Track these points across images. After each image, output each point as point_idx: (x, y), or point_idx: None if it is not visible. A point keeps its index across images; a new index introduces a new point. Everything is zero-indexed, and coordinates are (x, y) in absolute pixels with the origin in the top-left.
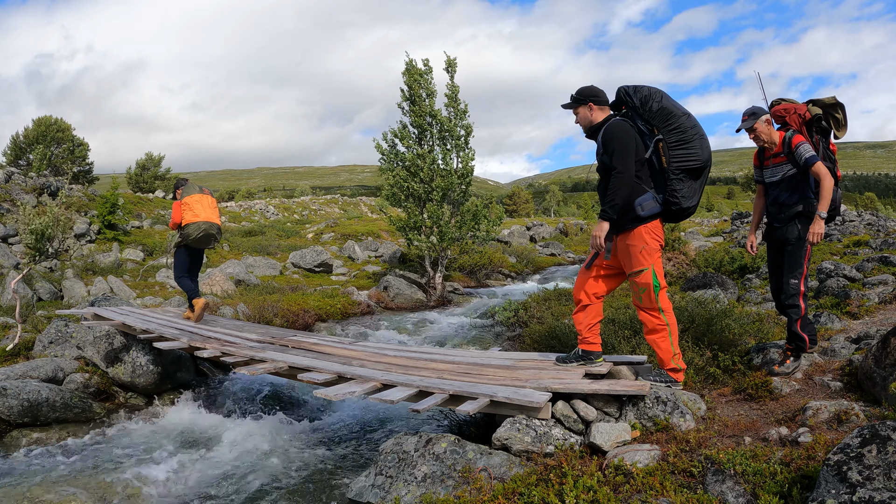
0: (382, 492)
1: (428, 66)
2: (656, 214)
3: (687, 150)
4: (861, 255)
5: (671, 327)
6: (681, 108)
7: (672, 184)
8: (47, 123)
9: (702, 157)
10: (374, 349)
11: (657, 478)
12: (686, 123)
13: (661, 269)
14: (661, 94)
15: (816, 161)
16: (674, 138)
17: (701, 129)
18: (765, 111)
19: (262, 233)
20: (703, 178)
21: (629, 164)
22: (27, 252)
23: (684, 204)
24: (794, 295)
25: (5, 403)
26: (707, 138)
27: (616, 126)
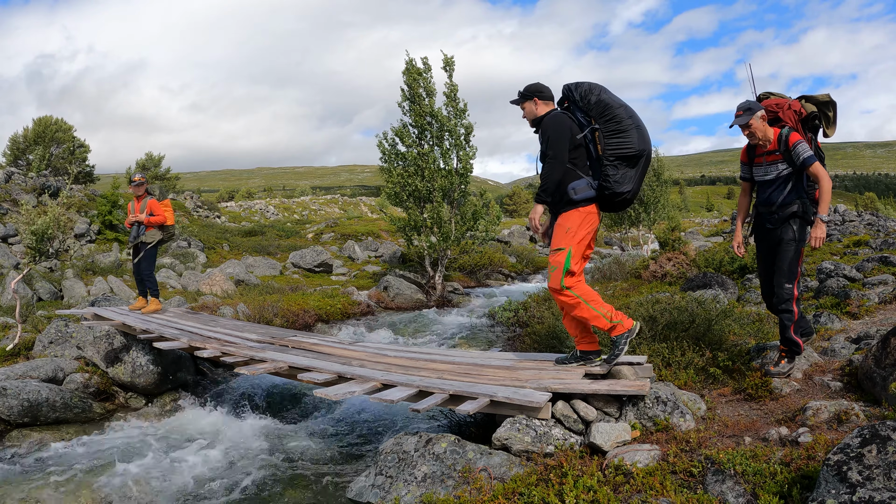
0: (382, 492)
1: (427, 64)
2: (590, 199)
3: (621, 139)
4: (861, 255)
5: (585, 297)
6: (618, 101)
7: (606, 169)
8: (47, 123)
9: (637, 146)
10: (373, 349)
11: (657, 478)
12: (622, 114)
13: (578, 255)
14: (600, 89)
15: (815, 161)
16: (610, 128)
17: (638, 120)
18: (760, 106)
19: (262, 233)
20: (641, 166)
21: (560, 151)
22: (27, 252)
23: (617, 189)
24: (789, 300)
25: (5, 403)
26: (645, 130)
27: (552, 118)
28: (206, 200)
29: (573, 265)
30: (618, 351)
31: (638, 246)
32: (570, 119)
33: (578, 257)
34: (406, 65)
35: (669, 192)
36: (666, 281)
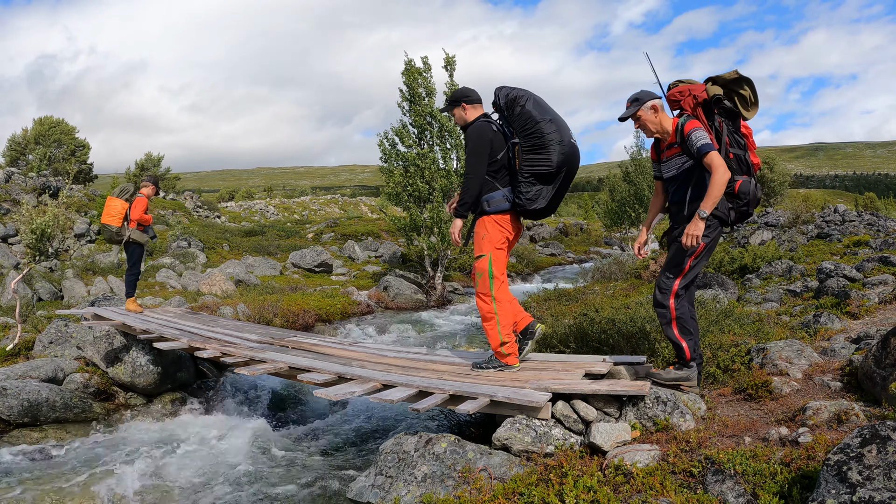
0: (382, 492)
1: (427, 64)
2: (504, 210)
3: (539, 155)
4: (861, 255)
5: (500, 318)
6: (547, 114)
7: (519, 185)
8: (48, 124)
9: (554, 164)
10: (373, 350)
11: (657, 478)
12: (544, 129)
13: (500, 260)
14: (528, 99)
15: (710, 150)
16: (529, 143)
17: (565, 135)
18: (652, 96)
19: (262, 233)
20: (559, 182)
21: (477, 166)
22: (27, 252)
23: (528, 206)
24: (665, 292)
25: (5, 403)
26: (570, 145)
27: (474, 128)
28: (206, 200)
29: (496, 269)
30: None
31: None
32: (496, 129)
33: (500, 264)
34: (405, 65)
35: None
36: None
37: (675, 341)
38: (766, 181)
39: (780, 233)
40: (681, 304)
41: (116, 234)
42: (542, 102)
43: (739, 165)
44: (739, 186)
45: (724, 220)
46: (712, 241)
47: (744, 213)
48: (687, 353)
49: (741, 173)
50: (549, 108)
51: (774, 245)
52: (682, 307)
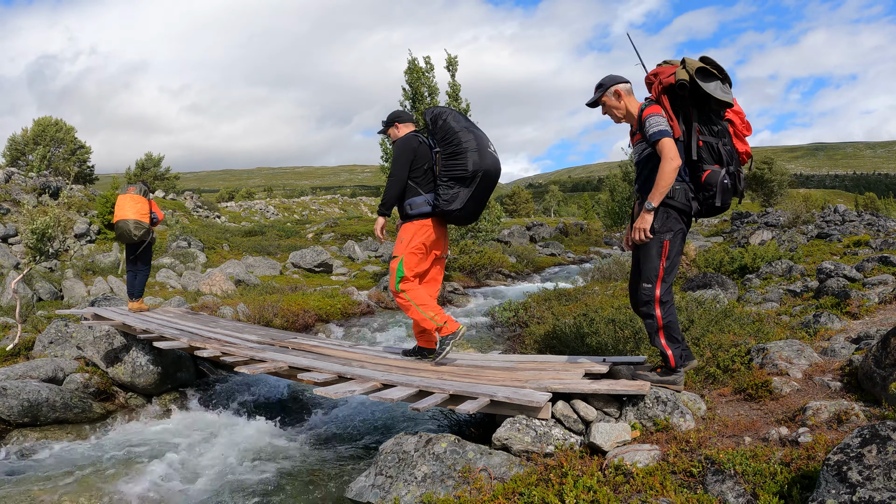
0: (382, 492)
1: (430, 64)
2: (426, 214)
3: (456, 161)
4: (861, 255)
5: (415, 301)
6: (464, 126)
7: (439, 189)
8: (47, 124)
9: (470, 168)
10: (373, 352)
11: (657, 478)
12: (461, 138)
13: (411, 262)
14: (448, 115)
15: (662, 137)
16: (448, 150)
17: (482, 143)
18: (616, 80)
19: (262, 233)
20: (476, 187)
21: (399, 170)
22: (27, 252)
23: (446, 207)
24: (649, 302)
25: (5, 403)
26: (486, 152)
27: (401, 140)
28: (206, 200)
29: (406, 271)
30: (442, 350)
31: None
32: (421, 142)
33: (412, 264)
34: (409, 64)
35: None
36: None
37: (661, 350)
38: (766, 181)
39: (780, 233)
40: (668, 311)
41: (146, 232)
42: (463, 118)
43: (710, 154)
44: (707, 177)
45: (685, 211)
46: (678, 237)
47: (713, 206)
48: (672, 361)
49: (712, 162)
50: (470, 123)
51: (774, 245)
52: (670, 314)
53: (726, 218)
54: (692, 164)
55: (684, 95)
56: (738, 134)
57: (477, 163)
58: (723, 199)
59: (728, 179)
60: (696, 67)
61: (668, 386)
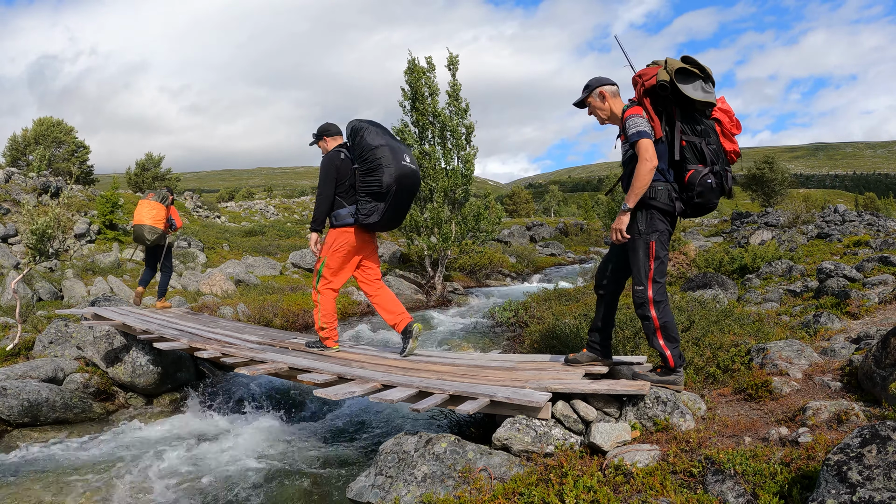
0: (382, 492)
1: (431, 64)
2: (349, 224)
3: (372, 177)
4: (861, 255)
5: (321, 307)
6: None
7: (359, 203)
8: (48, 124)
9: (383, 184)
10: (373, 352)
11: (657, 478)
12: (377, 155)
13: (333, 264)
14: (366, 131)
15: (640, 138)
16: (364, 167)
17: (394, 157)
18: (602, 82)
19: (262, 233)
20: (391, 200)
21: (325, 188)
22: (27, 252)
23: (364, 221)
24: (643, 303)
25: (5, 403)
26: (402, 166)
27: (325, 158)
28: (206, 200)
29: (325, 272)
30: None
31: None
32: (344, 157)
33: (333, 266)
34: (409, 64)
35: None
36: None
37: (660, 351)
38: (766, 180)
39: (780, 233)
40: (664, 312)
41: (161, 237)
42: (380, 132)
43: (694, 154)
44: (690, 176)
45: (667, 211)
46: (663, 237)
47: (698, 206)
48: (671, 361)
49: (696, 162)
50: (387, 137)
51: (774, 245)
52: (666, 314)
53: (726, 218)
54: (676, 164)
55: (666, 96)
56: (726, 133)
57: (391, 178)
58: (707, 199)
59: (712, 179)
60: (677, 68)
61: (668, 386)
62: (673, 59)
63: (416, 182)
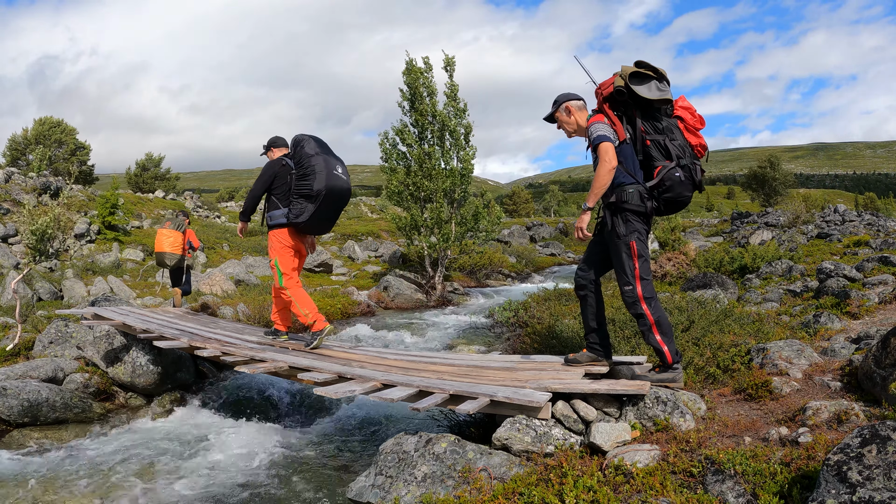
0: (382, 492)
1: (428, 64)
2: (283, 224)
3: (305, 181)
4: (861, 255)
5: (296, 299)
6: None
7: (291, 204)
8: (49, 124)
9: (315, 187)
10: (373, 352)
11: (657, 478)
12: (311, 162)
13: (285, 261)
14: (305, 142)
15: (601, 141)
16: (300, 172)
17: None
18: (569, 97)
19: (262, 233)
20: (320, 204)
21: (257, 187)
22: (27, 252)
23: (294, 220)
24: (634, 302)
25: (5, 403)
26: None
27: (267, 163)
28: (206, 200)
29: (283, 269)
30: (313, 341)
31: None
32: (283, 164)
33: (287, 262)
34: (406, 65)
35: None
36: (666, 281)
37: (657, 347)
38: (769, 179)
39: (780, 233)
40: (655, 308)
41: (180, 259)
42: (317, 145)
43: (660, 151)
44: (658, 172)
45: (639, 211)
46: (642, 236)
47: (669, 200)
48: (669, 357)
49: (662, 159)
50: (323, 149)
51: (774, 245)
52: (658, 310)
53: (726, 218)
54: (646, 163)
55: (625, 100)
56: (690, 128)
57: (321, 184)
58: (677, 192)
59: (680, 172)
60: (630, 73)
61: (668, 384)
62: (627, 66)
63: (346, 191)
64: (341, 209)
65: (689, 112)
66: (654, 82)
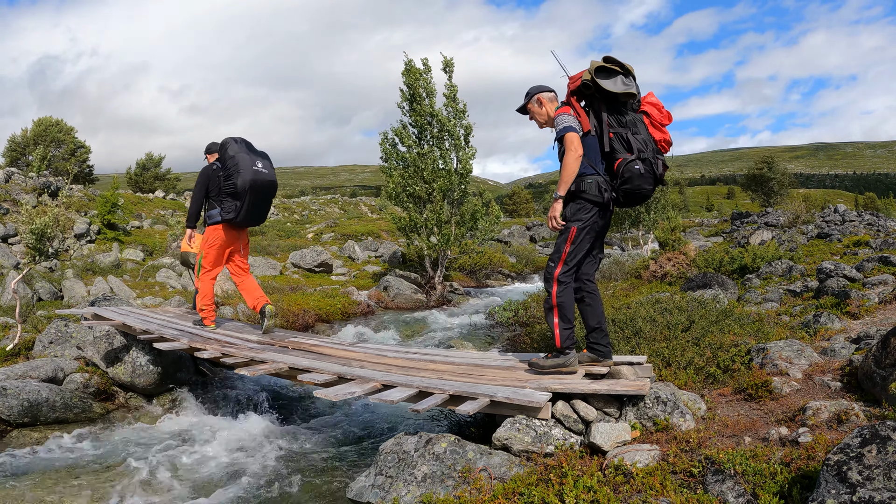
0: (382, 492)
1: (427, 66)
2: (218, 222)
3: (229, 181)
4: (861, 255)
5: (201, 291)
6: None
7: (223, 202)
8: (48, 124)
9: (237, 186)
10: (373, 350)
11: (657, 478)
12: (233, 162)
13: (209, 258)
14: (228, 145)
15: (566, 132)
16: (225, 173)
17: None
18: (542, 89)
19: (262, 233)
20: (247, 199)
21: (197, 193)
22: (27, 252)
23: (226, 217)
24: (548, 279)
25: (5, 403)
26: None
27: (201, 170)
28: None
29: (205, 263)
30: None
31: (638, 246)
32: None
33: (209, 259)
34: (405, 65)
35: (669, 192)
36: (666, 281)
37: (551, 328)
38: (766, 179)
39: (780, 233)
40: (563, 293)
41: None
42: (238, 145)
43: (622, 144)
44: (618, 165)
45: (596, 201)
46: (588, 225)
47: (628, 192)
48: (558, 340)
49: (624, 152)
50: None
51: (774, 245)
52: (565, 296)
53: (726, 218)
54: (608, 155)
55: (592, 94)
56: (655, 124)
57: (244, 181)
58: (635, 185)
59: (639, 165)
60: (596, 67)
61: (562, 370)
62: (596, 60)
63: (269, 183)
64: (269, 200)
65: (657, 108)
66: (619, 77)
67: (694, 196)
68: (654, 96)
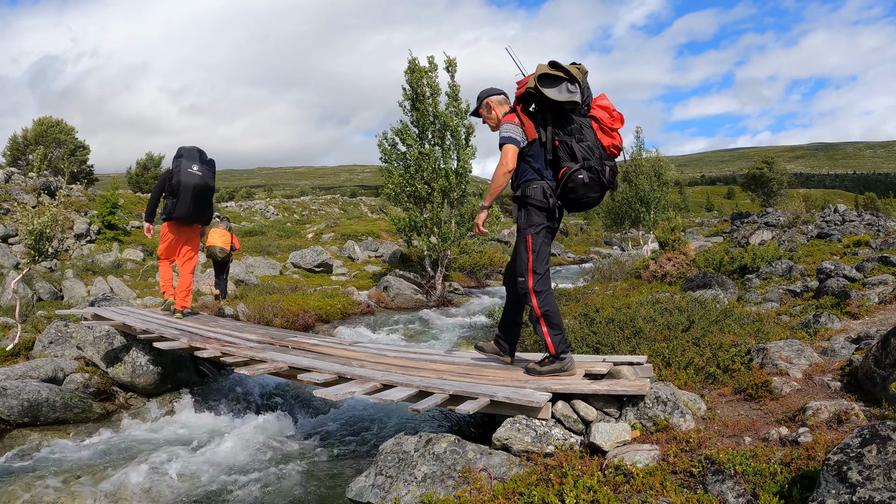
0: (382, 492)
1: (433, 64)
2: (168, 218)
3: (171, 182)
4: (861, 255)
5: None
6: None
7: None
8: (48, 124)
9: (174, 186)
10: (373, 350)
11: (657, 478)
12: (175, 166)
13: (162, 248)
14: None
15: (505, 143)
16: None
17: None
18: (492, 93)
19: (262, 233)
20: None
21: (153, 192)
22: (27, 252)
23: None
24: (525, 294)
25: (5, 403)
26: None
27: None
28: None
29: (159, 252)
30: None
31: (638, 246)
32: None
33: (162, 249)
34: (409, 64)
35: (669, 192)
36: (666, 281)
37: (542, 338)
38: (766, 179)
39: (780, 233)
40: (545, 301)
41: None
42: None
43: (566, 152)
44: (562, 174)
45: (542, 208)
46: (541, 230)
47: (573, 201)
48: (552, 348)
49: (568, 160)
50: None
51: (774, 245)
52: (548, 303)
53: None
54: (553, 163)
55: (538, 101)
56: (605, 128)
57: (177, 181)
58: (580, 194)
59: (584, 174)
60: (541, 73)
61: (559, 373)
62: (542, 65)
63: (201, 185)
64: (205, 200)
65: (607, 111)
66: (564, 84)
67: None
68: (606, 98)
